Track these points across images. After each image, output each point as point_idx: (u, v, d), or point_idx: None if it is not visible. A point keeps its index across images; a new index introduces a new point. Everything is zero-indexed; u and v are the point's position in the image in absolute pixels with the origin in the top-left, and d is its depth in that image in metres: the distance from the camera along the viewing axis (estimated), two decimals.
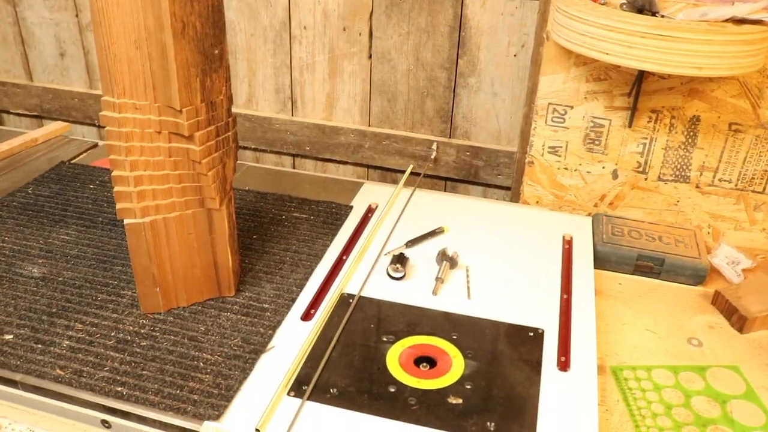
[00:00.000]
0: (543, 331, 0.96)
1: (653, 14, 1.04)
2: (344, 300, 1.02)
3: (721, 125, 1.17)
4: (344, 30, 1.39)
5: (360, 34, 1.39)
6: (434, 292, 1.04)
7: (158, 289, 0.96)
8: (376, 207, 1.30)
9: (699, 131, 1.19)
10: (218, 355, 0.90)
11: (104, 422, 0.83)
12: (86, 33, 1.55)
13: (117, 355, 0.89)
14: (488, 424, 0.79)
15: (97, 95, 1.60)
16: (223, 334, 0.94)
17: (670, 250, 1.14)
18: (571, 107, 1.23)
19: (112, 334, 0.93)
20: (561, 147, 1.27)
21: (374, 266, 1.10)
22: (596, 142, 1.25)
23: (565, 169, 1.29)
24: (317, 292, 1.03)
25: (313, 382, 0.85)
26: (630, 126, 1.22)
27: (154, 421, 0.80)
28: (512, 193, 1.41)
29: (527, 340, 0.95)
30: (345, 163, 1.53)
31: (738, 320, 1.00)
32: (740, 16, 0.97)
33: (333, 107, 1.48)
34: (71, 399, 0.84)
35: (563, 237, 1.21)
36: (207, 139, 0.90)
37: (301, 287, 1.04)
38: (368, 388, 0.85)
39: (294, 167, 1.58)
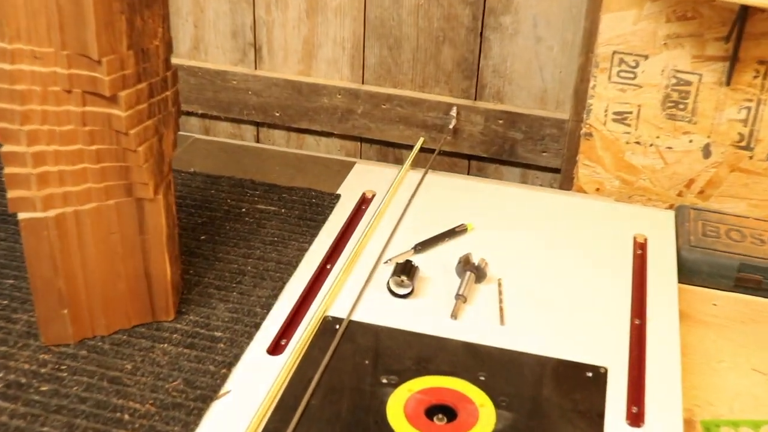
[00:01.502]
0: (606, 371, 0.97)
1: None
2: (328, 326, 1.01)
3: None
4: None
5: None
6: (454, 316, 1.04)
7: (66, 311, 0.96)
8: (373, 196, 1.29)
9: None
10: (151, 405, 0.90)
11: None
12: None
13: (6, 404, 0.89)
14: None
15: None
16: (158, 374, 0.94)
17: None
18: (646, 57, 1.23)
19: (0, 374, 0.93)
20: (631, 113, 1.27)
21: (370, 279, 1.10)
22: (680, 107, 1.25)
23: (637, 143, 1.29)
24: (290, 315, 1.03)
25: None
26: (728, 83, 1.22)
27: None
28: (562, 177, 1.40)
29: (584, 382, 0.95)
30: (329, 135, 1.53)
31: None
32: None
33: (313, 57, 1.48)
34: None
35: (634, 239, 1.21)
36: (136, 101, 0.90)
37: (267, 308, 1.04)
38: None
39: (258, 141, 1.57)
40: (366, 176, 1.34)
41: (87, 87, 0.88)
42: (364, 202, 1.28)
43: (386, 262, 1.13)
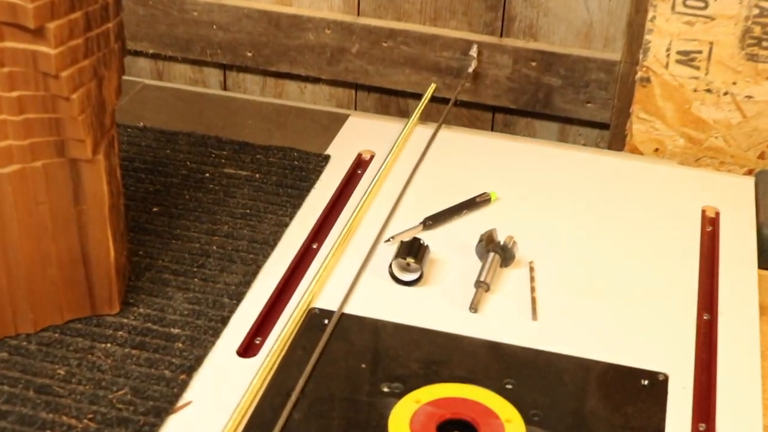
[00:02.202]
0: (666, 378, 0.97)
1: None
2: (315, 320, 1.02)
3: None
4: None
5: None
6: (473, 308, 1.04)
7: None
8: (371, 158, 1.29)
9: None
10: (90, 420, 0.90)
11: None
12: None
13: None
14: None
15: None
16: (99, 382, 0.94)
17: None
18: None
19: None
20: (700, 53, 1.27)
21: (367, 262, 1.10)
22: (764, 44, 1.25)
23: (708, 91, 1.29)
24: (266, 308, 1.03)
25: None
26: None
27: None
28: (612, 134, 1.41)
29: (639, 392, 0.95)
30: (316, 80, 1.54)
31: None
32: None
33: None
34: None
35: (703, 213, 1.21)
36: (69, 35, 0.90)
37: (237, 298, 1.05)
38: None
39: (225, 88, 1.58)
40: (362, 133, 1.34)
41: (5, 17, 0.87)
42: (359, 165, 1.27)
43: (388, 241, 1.13)
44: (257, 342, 0.99)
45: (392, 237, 1.13)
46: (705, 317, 1.05)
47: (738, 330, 1.03)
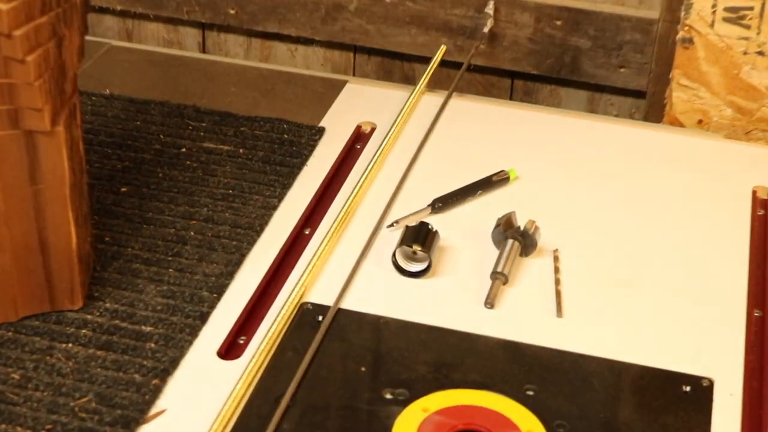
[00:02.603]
0: (712, 384, 0.97)
1: None
2: (307, 317, 1.02)
3: None
4: None
5: None
6: (489, 303, 1.04)
7: None
8: (372, 131, 1.30)
9: None
10: (48, 431, 0.89)
11: None
12: None
13: None
14: None
15: None
16: (60, 387, 0.94)
17: None
18: None
19: None
20: (752, 9, 1.27)
21: (367, 250, 1.10)
22: None
23: (759, 54, 1.29)
24: (252, 302, 1.04)
25: None
26: None
27: None
28: (649, 103, 1.41)
29: (680, 400, 0.95)
30: (309, 42, 1.54)
31: None
32: None
33: None
34: None
35: (753, 194, 1.22)
36: None
37: (219, 292, 1.05)
38: None
39: (204, 50, 1.59)
40: (362, 101, 1.34)
41: None
42: (358, 139, 1.27)
43: (391, 226, 1.13)
44: (241, 342, 0.99)
45: (396, 221, 1.13)
46: (756, 314, 1.05)
47: None
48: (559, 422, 0.92)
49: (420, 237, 1.07)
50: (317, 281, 1.06)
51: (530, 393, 0.94)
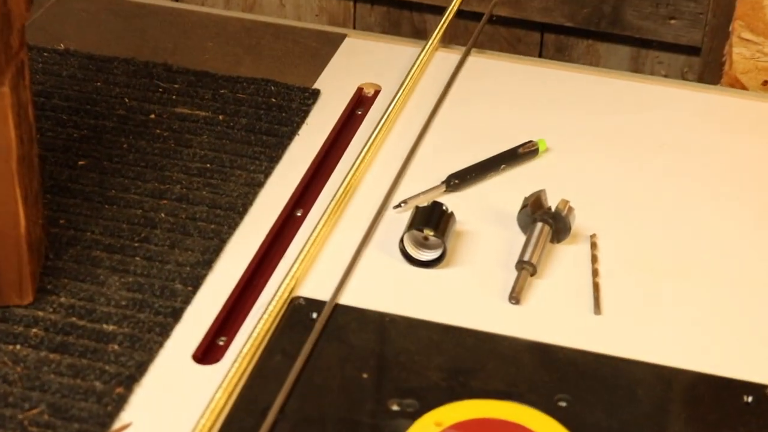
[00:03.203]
0: None
1: None
2: (299, 314, 1.02)
3: None
4: None
5: None
6: (515, 298, 1.05)
7: None
8: (376, 94, 1.30)
9: None
10: None
11: None
12: None
13: None
14: None
15: None
16: (6, 396, 0.93)
17: None
18: None
19: None
20: None
21: (370, 235, 1.10)
22: None
23: None
24: (233, 296, 1.04)
25: None
26: None
27: None
28: (704, 61, 1.41)
29: (740, 412, 0.94)
30: None
31: None
32: None
33: None
34: None
35: None
36: None
37: (194, 284, 1.05)
38: None
39: None
40: (363, 60, 1.33)
41: None
42: (360, 104, 1.27)
43: (398, 207, 1.13)
44: (221, 343, 0.99)
45: (404, 201, 1.13)
46: None
47: None
48: None
49: (432, 220, 1.07)
50: (311, 272, 1.06)
51: (562, 404, 0.94)
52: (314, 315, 1.01)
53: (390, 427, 0.92)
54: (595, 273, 1.07)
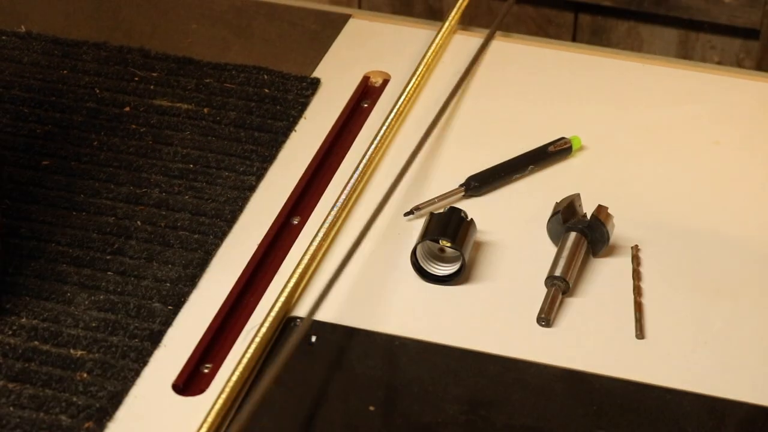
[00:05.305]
0: None
1: None
2: (295, 336, 0.98)
3: None
4: None
5: None
6: (545, 318, 1.03)
7: None
8: (385, 83, 1.29)
9: None
10: None
11: None
12: None
13: None
14: None
15: None
16: None
17: None
18: None
19: None
20: None
21: (378, 244, 1.09)
22: None
23: None
24: (220, 316, 1.02)
25: None
26: None
27: None
28: (762, 45, 1.40)
29: None
30: None
31: None
32: None
33: None
34: None
35: None
36: None
37: (175, 303, 1.04)
38: None
39: None
40: (370, 44, 1.33)
41: None
42: (366, 94, 1.27)
43: (410, 214, 1.12)
44: (205, 371, 0.99)
45: (417, 207, 1.12)
46: None
47: None
48: None
49: (450, 229, 1.06)
50: (309, 289, 1.05)
51: None
52: (313, 338, 1.02)
53: None
54: (637, 291, 1.06)
